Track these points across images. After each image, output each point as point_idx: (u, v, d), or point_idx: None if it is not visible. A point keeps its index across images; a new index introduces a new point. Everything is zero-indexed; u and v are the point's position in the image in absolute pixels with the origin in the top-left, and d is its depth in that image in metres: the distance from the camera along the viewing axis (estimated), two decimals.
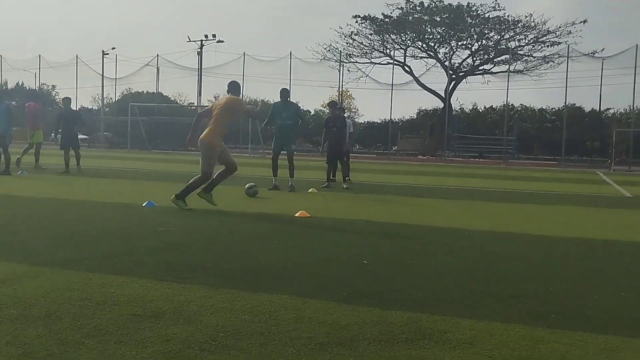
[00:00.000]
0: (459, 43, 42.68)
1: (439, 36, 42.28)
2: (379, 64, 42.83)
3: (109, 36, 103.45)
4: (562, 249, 6.30)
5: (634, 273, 5.17)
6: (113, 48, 47.64)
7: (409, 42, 42.81)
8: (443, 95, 41.68)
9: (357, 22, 41.83)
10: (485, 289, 4.34)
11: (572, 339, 3.23)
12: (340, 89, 45.15)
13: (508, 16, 40.64)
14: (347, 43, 42.60)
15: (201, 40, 44.76)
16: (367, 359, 2.90)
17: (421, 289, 4.31)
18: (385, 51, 43.05)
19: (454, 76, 42.65)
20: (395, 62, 42.37)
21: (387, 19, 41.63)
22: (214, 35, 44.68)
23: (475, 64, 43.77)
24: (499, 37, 41.67)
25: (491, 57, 42.94)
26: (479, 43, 42.36)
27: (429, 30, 42.19)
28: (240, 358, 2.86)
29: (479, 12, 40.65)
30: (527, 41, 41.27)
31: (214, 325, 3.32)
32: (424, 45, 42.97)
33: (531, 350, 3.06)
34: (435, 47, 42.91)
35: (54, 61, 48.58)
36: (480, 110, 53.40)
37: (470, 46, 43.03)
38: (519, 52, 41.75)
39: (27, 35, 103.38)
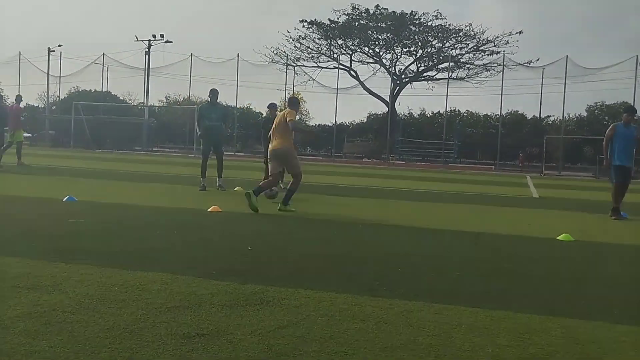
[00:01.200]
0: (404, 50, 43.92)
1: (383, 42, 43.40)
2: (326, 68, 43.73)
3: (54, 33, 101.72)
4: (430, 238, 7.02)
5: (458, 256, 5.91)
6: (60, 45, 47.13)
7: (354, 47, 43.81)
8: (388, 100, 42.80)
9: (304, 26, 42.60)
10: (332, 268, 5.00)
11: (382, 304, 3.89)
12: (290, 92, 45.74)
13: (449, 25, 42.07)
14: (294, 47, 43.34)
15: (149, 40, 44.65)
16: (204, 317, 3.47)
17: (283, 269, 4.92)
18: (332, 55, 43.94)
19: (398, 82, 43.85)
20: (341, 67, 43.29)
21: (333, 24, 42.51)
22: (162, 35, 44.65)
23: (419, 70, 45.11)
24: (441, 44, 43.07)
25: (434, 63, 44.35)
26: (423, 50, 43.69)
27: (375, 36, 43.30)
28: (95, 317, 3.39)
29: (421, 20, 41.92)
30: (467, 49, 42.82)
31: (83, 294, 3.84)
32: (370, 51, 44.05)
33: (347, 310, 3.70)
34: (380, 53, 44.03)
35: None
36: (428, 115, 54.88)
37: (414, 53, 44.34)
38: (460, 59, 43.28)
39: None
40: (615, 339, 3.41)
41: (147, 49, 44.65)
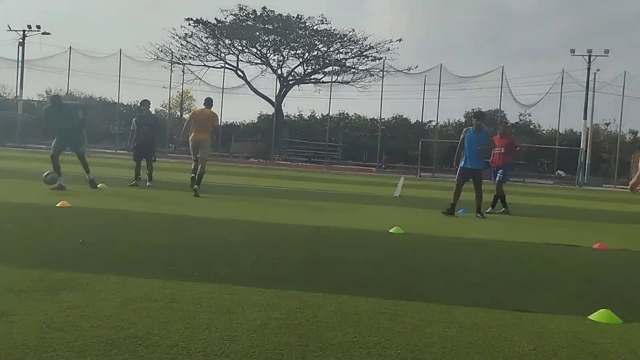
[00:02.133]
0: (291, 52, 44.63)
1: (271, 44, 43.86)
2: (213, 67, 43.50)
3: None
4: (268, 230, 7.42)
5: (292, 245, 6.36)
6: None
7: (242, 47, 43.93)
8: (274, 101, 43.30)
9: (190, 24, 42.15)
10: (154, 256, 5.23)
11: (185, 287, 4.19)
12: (179, 90, 45.03)
13: (334, 30, 43.28)
14: (181, 45, 42.75)
15: (23, 31, 42.31)
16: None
17: (106, 258, 5.09)
18: (219, 55, 43.78)
19: (284, 83, 44.48)
20: (228, 67, 43.25)
21: (220, 24, 42.39)
22: (38, 27, 42.44)
23: (305, 72, 46.02)
24: (326, 48, 44.21)
25: (320, 67, 45.43)
26: (309, 53, 44.61)
27: (262, 37, 43.65)
28: None
29: (307, 24, 42.81)
30: (352, 54, 44.26)
31: None
32: (257, 52, 44.34)
33: (147, 292, 3.95)
34: (268, 54, 44.46)
35: None
36: (318, 118, 55.99)
37: (301, 55, 45.17)
38: (346, 64, 44.65)
39: None
40: (376, 311, 3.90)
41: (21, 40, 42.28)
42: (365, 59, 43.82)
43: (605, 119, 48.27)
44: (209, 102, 12.73)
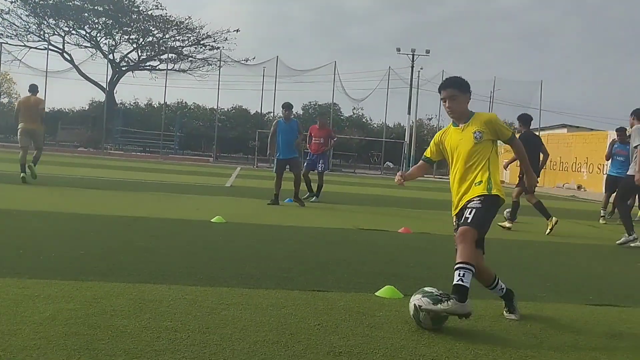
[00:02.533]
0: (124, 37, 42.67)
1: (101, 27, 41.58)
2: (35, 48, 40.23)
3: None
4: (88, 223, 7.16)
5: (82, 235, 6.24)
6: None
7: (68, 28, 41.13)
8: (107, 88, 41.15)
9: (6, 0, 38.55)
10: None
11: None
12: None
13: (170, 16, 42.12)
14: None
15: None
16: None
17: None
18: (42, 35, 40.58)
19: (117, 69, 42.43)
20: (52, 48, 40.27)
21: (42, 2, 39.30)
22: None
23: (140, 59, 44.27)
24: (162, 35, 42.89)
25: (156, 53, 43.97)
26: (144, 39, 42.97)
27: (92, 19, 41.23)
28: None
29: (141, 8, 41.21)
30: (189, 42, 43.39)
31: None
32: (86, 35, 41.79)
33: None
34: (98, 37, 42.09)
35: None
36: (155, 106, 54.06)
37: (136, 41, 43.36)
38: (183, 52, 43.64)
39: None
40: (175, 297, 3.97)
41: None
42: (203, 47, 43.24)
43: (428, 114, 52.33)
44: (33, 89, 12.50)
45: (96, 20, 41.32)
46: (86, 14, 40.86)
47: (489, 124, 4.10)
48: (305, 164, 13.07)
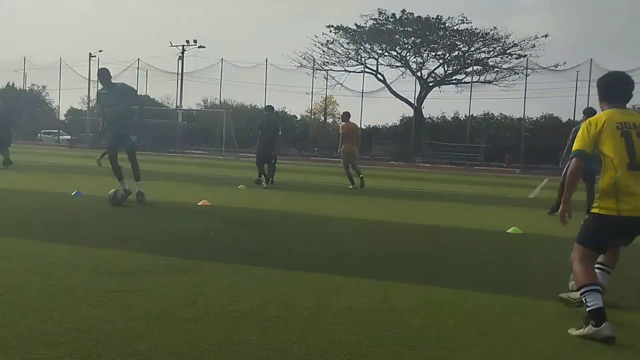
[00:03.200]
0: (431, 53, 44.38)
1: (411, 46, 43.96)
2: (354, 72, 44.52)
3: (93, 39, 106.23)
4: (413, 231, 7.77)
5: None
6: (100, 51, 49.18)
7: (382, 51, 44.49)
8: (414, 103, 43.32)
9: (331, 31, 43.53)
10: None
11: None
12: (322, 95, 46.78)
13: (475, 29, 42.36)
14: (322, 51, 44.29)
15: (183, 46, 46.28)
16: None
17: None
18: (360, 60, 44.73)
19: (424, 85, 44.34)
20: (368, 70, 44.03)
21: (360, 29, 43.30)
22: (195, 41, 46.22)
23: (446, 73, 45.49)
24: (467, 48, 43.39)
25: (462, 67, 44.65)
26: (450, 54, 44.06)
27: (402, 40, 43.89)
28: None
29: (447, 25, 42.34)
30: (495, 53, 43.01)
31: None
32: (397, 55, 44.66)
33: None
34: (407, 56, 44.59)
35: (39, 63, 50.12)
36: (461, 119, 54.93)
37: (442, 56, 44.71)
38: (488, 63, 43.49)
39: (12, 38, 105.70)
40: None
41: (180, 54, 46.29)
42: (509, 57, 42.45)
43: None
44: (348, 116, 15.05)
45: (406, 41, 43.86)
46: (397, 36, 43.70)
47: None
48: None
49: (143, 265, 4.79)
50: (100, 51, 49.00)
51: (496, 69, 43.58)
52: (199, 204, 9.47)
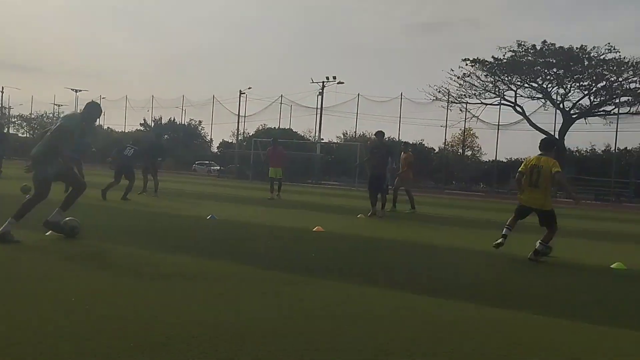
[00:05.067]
0: (575, 84, 42.57)
1: (552, 77, 42.51)
2: (490, 104, 43.89)
3: (242, 78, 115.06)
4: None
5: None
6: (249, 88, 53.16)
7: (520, 83, 43.47)
8: (555, 135, 41.66)
9: (467, 64, 43.38)
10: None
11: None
12: (460, 128, 46.58)
13: (624, 58, 40.09)
14: (458, 84, 44.20)
15: (322, 82, 48.53)
16: None
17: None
18: (497, 92, 44.02)
19: (567, 117, 42.52)
20: (505, 103, 43.17)
21: (497, 62, 42.71)
22: (334, 77, 48.30)
23: (592, 104, 43.31)
24: (616, 77, 41.10)
25: (611, 97, 42.29)
26: (596, 84, 41.97)
27: (543, 71, 42.60)
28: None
29: (592, 54, 40.50)
30: None
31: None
32: (538, 86, 43.37)
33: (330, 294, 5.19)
34: (549, 88, 43.12)
35: (194, 100, 55.12)
36: (614, 152, 51.78)
37: (589, 87, 42.69)
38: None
39: (171, 78, 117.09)
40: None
41: (320, 90, 48.56)
42: None
43: None
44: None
45: (547, 72, 42.51)
46: (538, 67, 42.51)
47: None
48: None
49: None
50: (249, 88, 52.99)
51: None
52: (314, 229, 10.31)
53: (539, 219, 8.57)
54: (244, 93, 52.55)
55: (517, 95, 43.89)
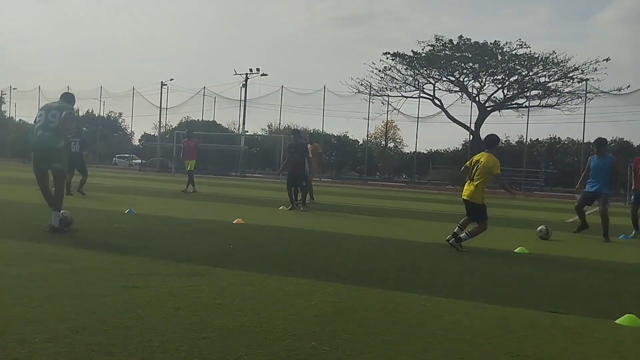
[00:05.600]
0: (489, 78, 44.34)
1: (468, 71, 44.10)
2: (410, 97, 44.99)
3: (163, 70, 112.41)
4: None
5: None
6: (171, 79, 51.95)
7: (439, 76, 44.84)
8: (471, 128, 43.26)
9: (387, 58, 44.27)
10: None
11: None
12: (382, 120, 47.51)
13: (534, 53, 42.12)
14: (380, 78, 45.03)
15: (246, 74, 48.20)
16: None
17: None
18: (416, 85, 45.20)
19: (482, 110, 44.26)
20: (424, 96, 44.41)
21: (416, 56, 43.85)
22: (257, 69, 48.06)
23: (506, 97, 45.27)
24: (527, 72, 43.12)
25: (521, 91, 44.34)
26: (509, 78, 43.89)
27: (460, 65, 44.10)
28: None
29: (505, 49, 42.32)
30: (556, 77, 42.55)
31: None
32: (455, 80, 44.88)
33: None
34: (465, 81, 44.72)
35: (113, 92, 53.39)
36: (527, 143, 54.19)
37: (503, 81, 44.53)
38: (549, 87, 43.04)
39: (89, 67, 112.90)
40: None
41: (244, 82, 48.22)
42: (570, 80, 41.83)
43: None
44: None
45: (464, 66, 44.04)
46: (455, 61, 43.94)
47: None
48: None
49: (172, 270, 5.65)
50: (171, 80, 51.83)
51: (558, 93, 43.03)
52: (234, 222, 10.37)
53: (467, 212, 8.67)
54: (166, 84, 51.34)
55: (436, 88, 45.25)
